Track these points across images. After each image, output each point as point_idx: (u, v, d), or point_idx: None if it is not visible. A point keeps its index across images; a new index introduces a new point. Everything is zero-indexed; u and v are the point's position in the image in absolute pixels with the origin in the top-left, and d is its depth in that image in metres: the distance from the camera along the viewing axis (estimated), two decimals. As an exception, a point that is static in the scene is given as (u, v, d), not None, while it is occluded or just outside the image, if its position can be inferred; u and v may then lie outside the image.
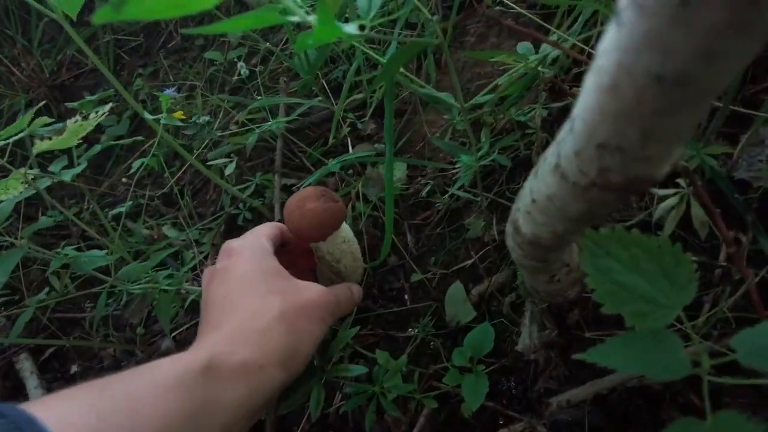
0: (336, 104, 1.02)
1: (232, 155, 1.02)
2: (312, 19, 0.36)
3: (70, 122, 0.72)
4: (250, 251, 0.59)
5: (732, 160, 0.62)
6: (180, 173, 1.24)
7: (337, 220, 0.66)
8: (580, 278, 0.52)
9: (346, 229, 0.71)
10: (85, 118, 0.73)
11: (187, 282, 0.99)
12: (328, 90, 1.08)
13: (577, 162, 0.27)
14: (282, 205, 0.99)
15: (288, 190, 1.01)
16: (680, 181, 0.53)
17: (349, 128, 1.02)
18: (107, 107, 0.77)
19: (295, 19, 0.38)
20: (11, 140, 0.76)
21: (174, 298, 0.82)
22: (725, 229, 0.41)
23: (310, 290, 0.57)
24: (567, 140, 0.28)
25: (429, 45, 0.46)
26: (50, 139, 0.72)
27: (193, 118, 1.01)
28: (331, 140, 0.98)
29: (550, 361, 0.65)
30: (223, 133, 1.12)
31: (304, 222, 0.63)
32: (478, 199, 0.71)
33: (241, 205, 1.02)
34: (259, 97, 1.15)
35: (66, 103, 1.01)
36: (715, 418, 0.29)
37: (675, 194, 0.50)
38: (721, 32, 0.18)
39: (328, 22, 0.31)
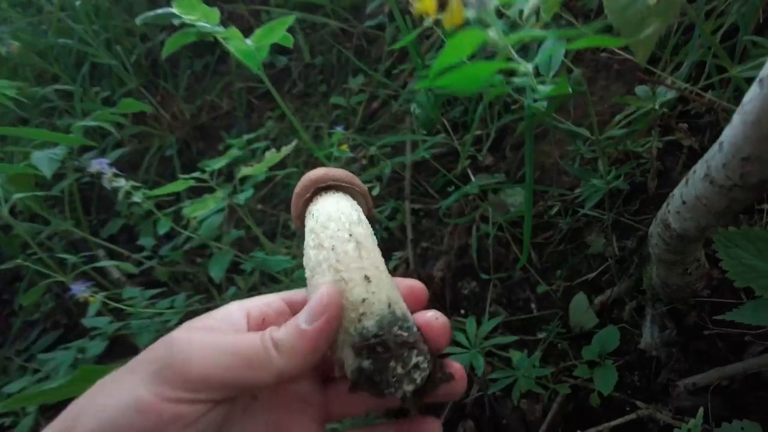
0: (455, 139, 1.18)
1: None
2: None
3: (268, 153, 0.93)
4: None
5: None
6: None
7: (309, 178, 0.49)
8: (706, 273, 0.63)
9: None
10: (277, 150, 0.94)
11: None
12: (448, 127, 1.24)
13: (724, 171, 0.41)
14: (413, 227, 1.16)
15: (416, 214, 1.17)
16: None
17: (468, 160, 1.18)
18: (293, 144, 0.97)
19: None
20: (215, 168, 0.99)
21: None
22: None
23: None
24: (716, 156, 0.42)
25: (574, 93, 0.60)
26: (251, 166, 0.93)
27: (335, 153, 1.20)
28: (459, 169, 1.13)
29: (671, 357, 0.75)
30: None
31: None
32: (605, 217, 0.84)
33: (377, 226, 1.19)
34: (383, 136, 1.33)
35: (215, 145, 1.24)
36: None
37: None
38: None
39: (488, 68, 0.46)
